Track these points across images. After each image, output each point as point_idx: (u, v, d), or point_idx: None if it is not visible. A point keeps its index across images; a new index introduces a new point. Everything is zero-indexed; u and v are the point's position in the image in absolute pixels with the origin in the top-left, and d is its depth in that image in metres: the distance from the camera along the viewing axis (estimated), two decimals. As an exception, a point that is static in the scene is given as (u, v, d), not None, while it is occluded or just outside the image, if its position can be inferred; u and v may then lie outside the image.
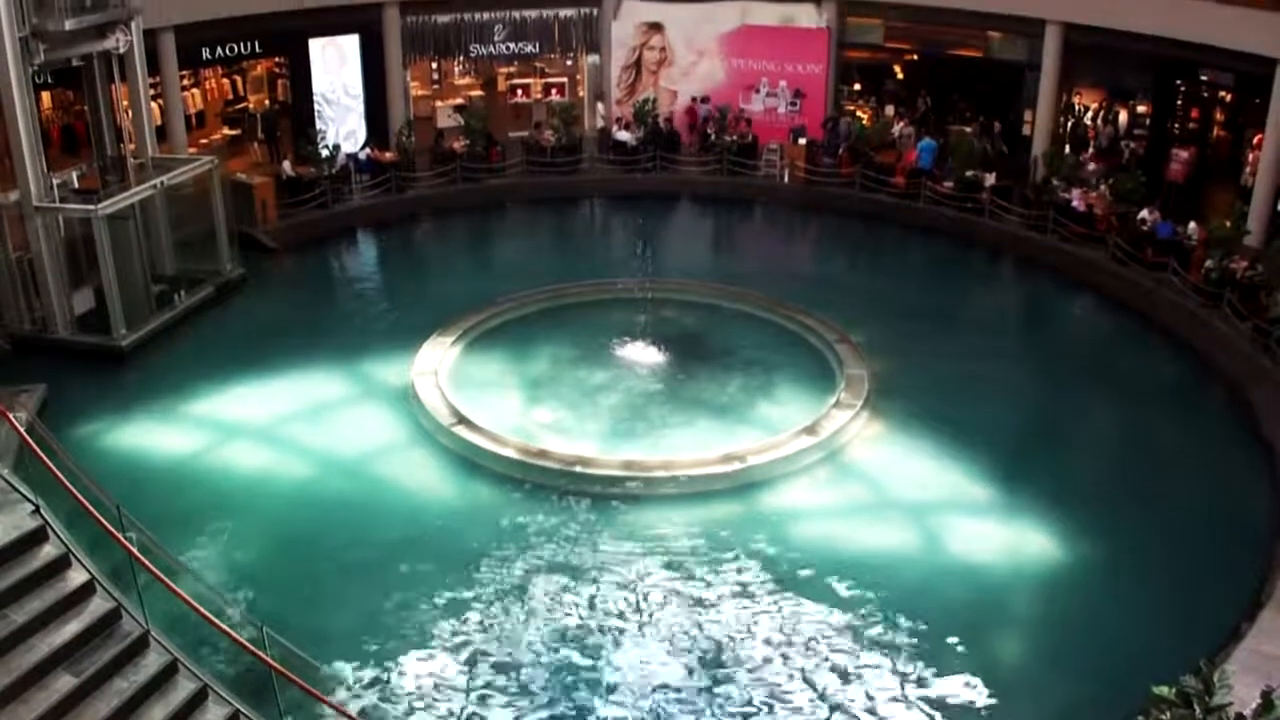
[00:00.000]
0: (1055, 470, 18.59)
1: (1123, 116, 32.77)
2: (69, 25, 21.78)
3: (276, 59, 35.55)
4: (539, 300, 24.63)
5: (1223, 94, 31.21)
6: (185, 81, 32.92)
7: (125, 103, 25.25)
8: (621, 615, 14.82)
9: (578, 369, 21.61)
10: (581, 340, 22.63)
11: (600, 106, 36.92)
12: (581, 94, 38.49)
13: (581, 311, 24.29)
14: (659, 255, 25.96)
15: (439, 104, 38.26)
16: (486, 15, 35.75)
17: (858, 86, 37.13)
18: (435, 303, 24.68)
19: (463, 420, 19.31)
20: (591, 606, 14.97)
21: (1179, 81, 31.24)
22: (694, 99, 35.48)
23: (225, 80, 36.74)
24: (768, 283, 25.78)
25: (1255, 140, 28.54)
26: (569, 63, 38.51)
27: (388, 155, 32.48)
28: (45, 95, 29.75)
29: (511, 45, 36.58)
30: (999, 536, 16.87)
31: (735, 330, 23.70)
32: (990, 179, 29.80)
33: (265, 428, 19.97)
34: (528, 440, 18.80)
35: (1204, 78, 30.27)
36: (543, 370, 21.71)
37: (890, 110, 35.60)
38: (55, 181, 22.68)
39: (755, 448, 18.55)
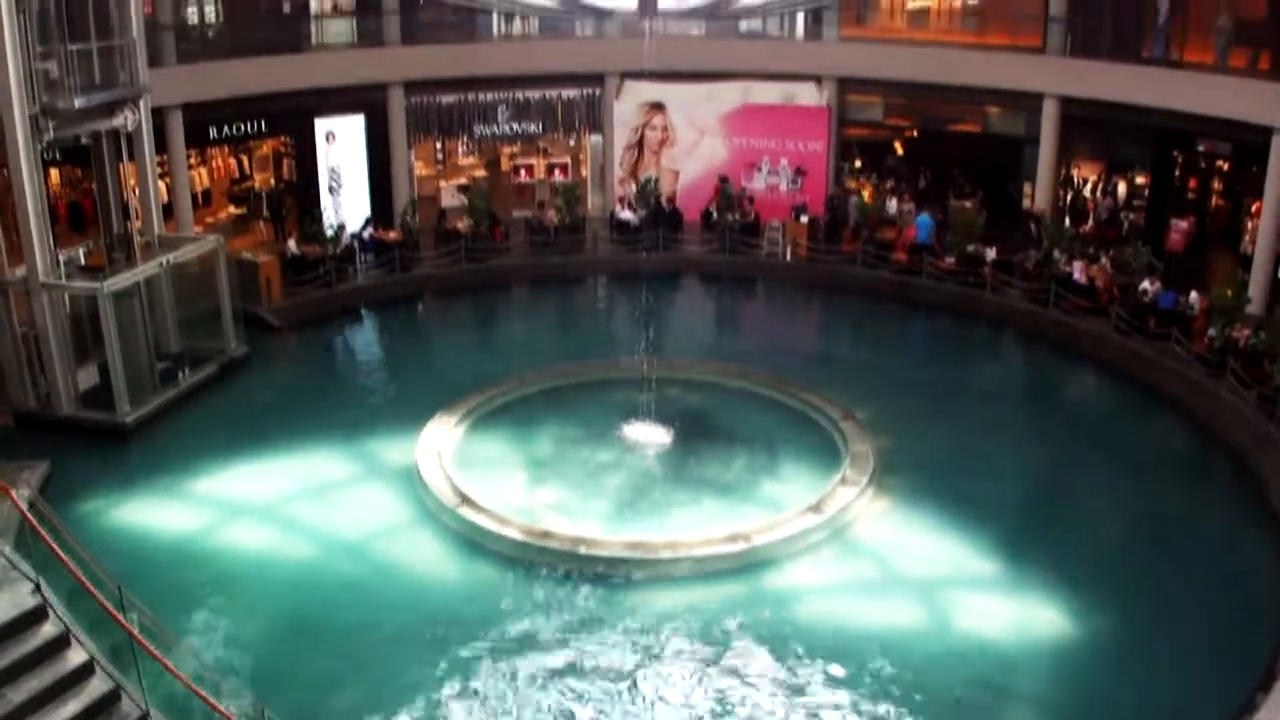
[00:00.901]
0: (1063, 544, 18.48)
1: (1121, 188, 32.98)
2: (78, 103, 21.94)
3: (282, 138, 35.78)
4: (543, 380, 24.56)
5: (1220, 163, 31.37)
6: (192, 160, 33.20)
7: (132, 180, 25.41)
8: (624, 697, 14.67)
9: (582, 449, 21.53)
10: (585, 420, 22.57)
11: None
12: (585, 174, 38.71)
13: (585, 391, 24.22)
14: (662, 334, 26.02)
15: (443, 183, 38.46)
16: (490, 96, 36.05)
17: (859, 163, 37.32)
18: (439, 382, 24.62)
19: (466, 501, 19.21)
20: (594, 689, 14.82)
21: (1176, 152, 31.44)
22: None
23: (231, 159, 37.03)
24: (771, 360, 25.77)
25: (1254, 208, 28.70)
26: (572, 143, 38.72)
27: (392, 235, 32.59)
28: (53, 172, 29.96)
29: (515, 125, 36.86)
30: (1007, 612, 16.74)
31: (739, 408, 23.63)
32: (991, 253, 29.89)
33: (268, 507, 19.87)
34: (532, 521, 18.69)
35: (1201, 148, 30.44)
36: (547, 450, 21.64)
37: (890, 186, 35.75)
38: (62, 258, 22.80)
39: (761, 526, 18.42)
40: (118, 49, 23.33)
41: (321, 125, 33.66)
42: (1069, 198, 33.66)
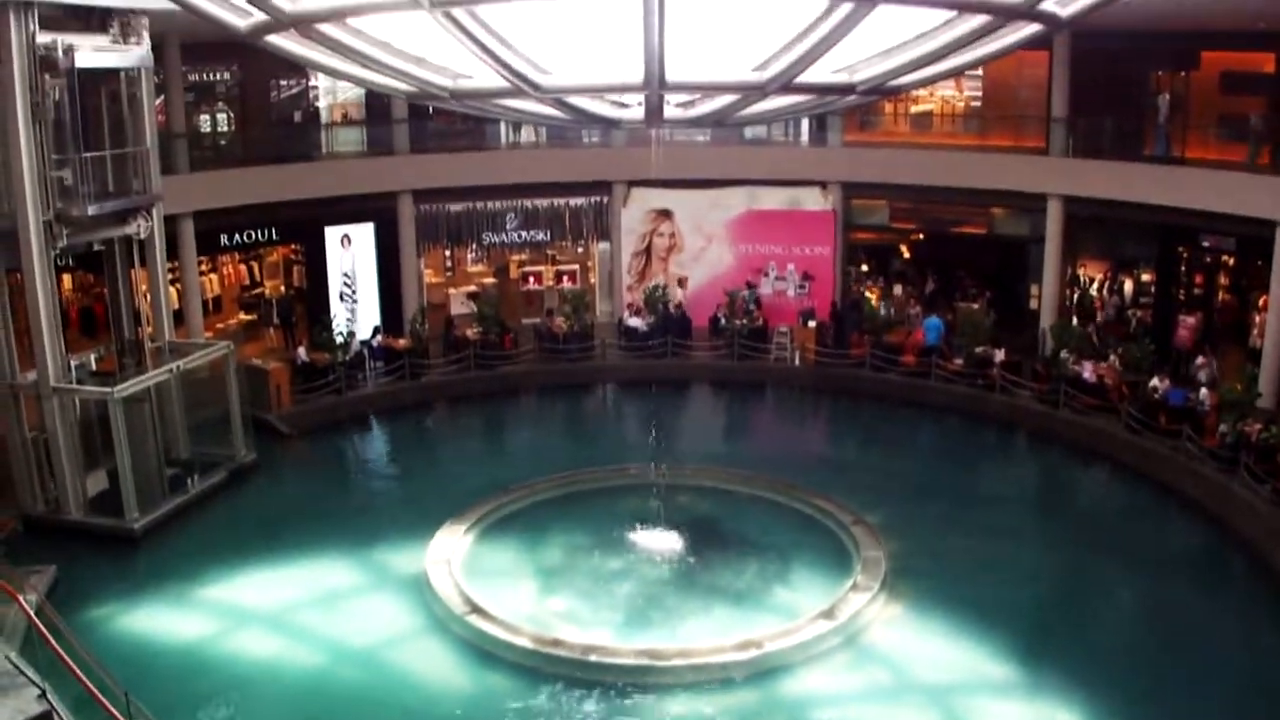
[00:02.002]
0: (1079, 648, 18.15)
1: (1128, 286, 33.08)
2: (92, 211, 22.12)
3: (293, 246, 35.99)
4: (553, 487, 24.40)
5: (1225, 258, 31.47)
6: (203, 267, 33.37)
7: (144, 286, 25.50)
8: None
9: (592, 556, 21.29)
10: (596, 527, 22.33)
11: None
12: (593, 281, 38.85)
13: (595, 498, 24.00)
14: (672, 441, 25.90)
15: (452, 291, 38.58)
16: (499, 204, 36.31)
17: (865, 267, 37.46)
18: (449, 490, 24.45)
19: (476, 609, 18.99)
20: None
21: (1181, 248, 31.64)
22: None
23: (242, 266, 37.24)
24: (781, 466, 25.60)
25: (1261, 302, 28.71)
26: (580, 250, 38.90)
27: (401, 342, 32.63)
28: (66, 277, 30.13)
29: (523, 233, 37.07)
30: (1023, 718, 16.47)
31: (750, 515, 23.44)
32: (999, 355, 29.86)
33: (277, 614, 19.64)
34: (542, 629, 18.46)
35: (1205, 243, 30.61)
36: (557, 558, 21.41)
37: (898, 291, 35.82)
38: (73, 363, 22.83)
39: (773, 633, 18.17)
40: (131, 157, 23.58)
41: (332, 233, 33.88)
42: (1076, 297, 33.73)
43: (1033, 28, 9.78)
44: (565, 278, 38.63)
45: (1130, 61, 31.55)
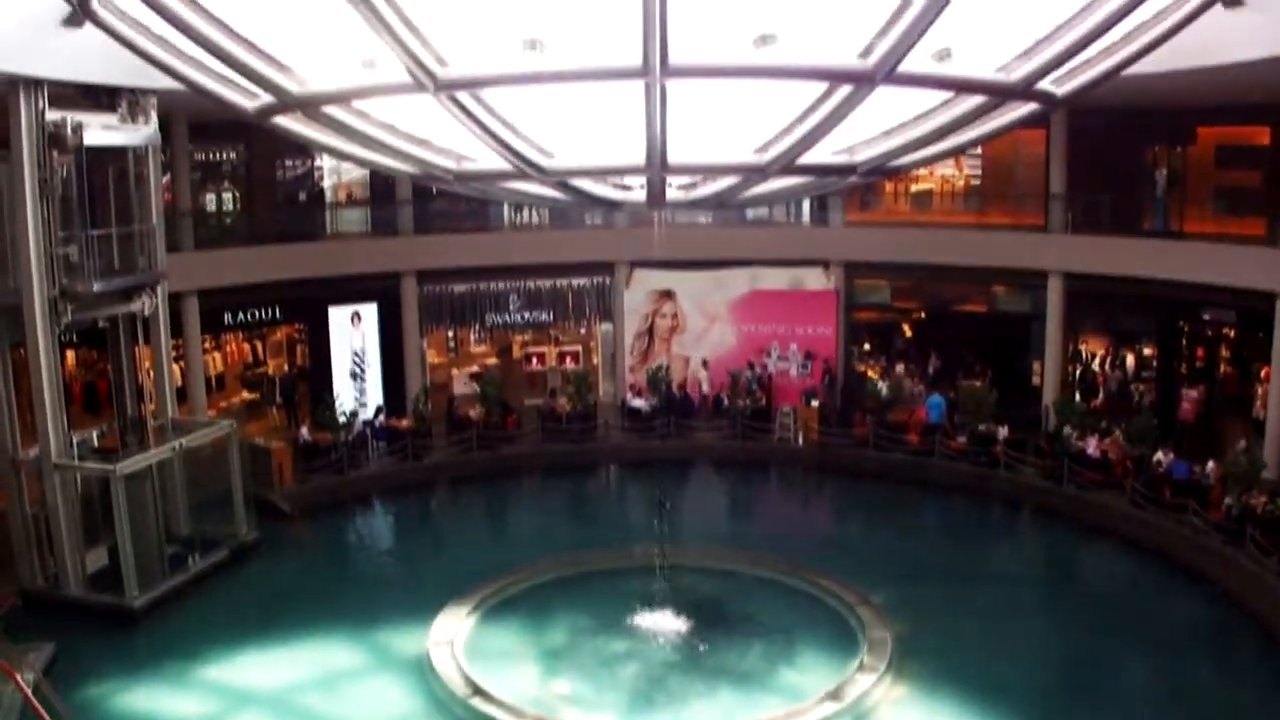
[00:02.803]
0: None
1: (1130, 360, 33.15)
2: (97, 287, 22.28)
3: (296, 325, 36.12)
4: (556, 569, 24.25)
5: (1226, 330, 31.63)
6: (207, 344, 33.47)
7: (147, 364, 25.58)
8: None
9: (596, 638, 21.13)
10: (599, 609, 22.19)
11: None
12: (596, 361, 38.91)
13: (599, 580, 23.84)
14: (675, 521, 25.83)
15: (455, 371, 38.64)
16: (502, 285, 36.46)
17: (868, 346, 37.54)
18: (451, 571, 24.36)
19: (479, 692, 18.84)
20: None
21: (1182, 322, 31.81)
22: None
23: (246, 344, 37.35)
24: (785, 546, 25.50)
25: (1263, 373, 28.78)
26: (583, 331, 39.00)
27: (404, 422, 32.64)
28: (69, 353, 30.23)
29: (526, 314, 37.20)
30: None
31: (755, 596, 23.27)
32: (1003, 432, 29.85)
33: (277, 697, 19.45)
34: (545, 712, 18.30)
35: (1206, 316, 30.76)
36: (560, 640, 21.25)
37: (900, 369, 35.88)
38: (75, 439, 22.84)
39: (779, 715, 18.02)
40: (137, 234, 23.76)
41: (335, 312, 34.03)
42: (1078, 372, 33.80)
43: (1029, 107, 9.88)
44: (568, 358, 38.71)
45: (1127, 137, 31.92)
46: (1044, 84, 8.96)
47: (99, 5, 9.75)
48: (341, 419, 30.93)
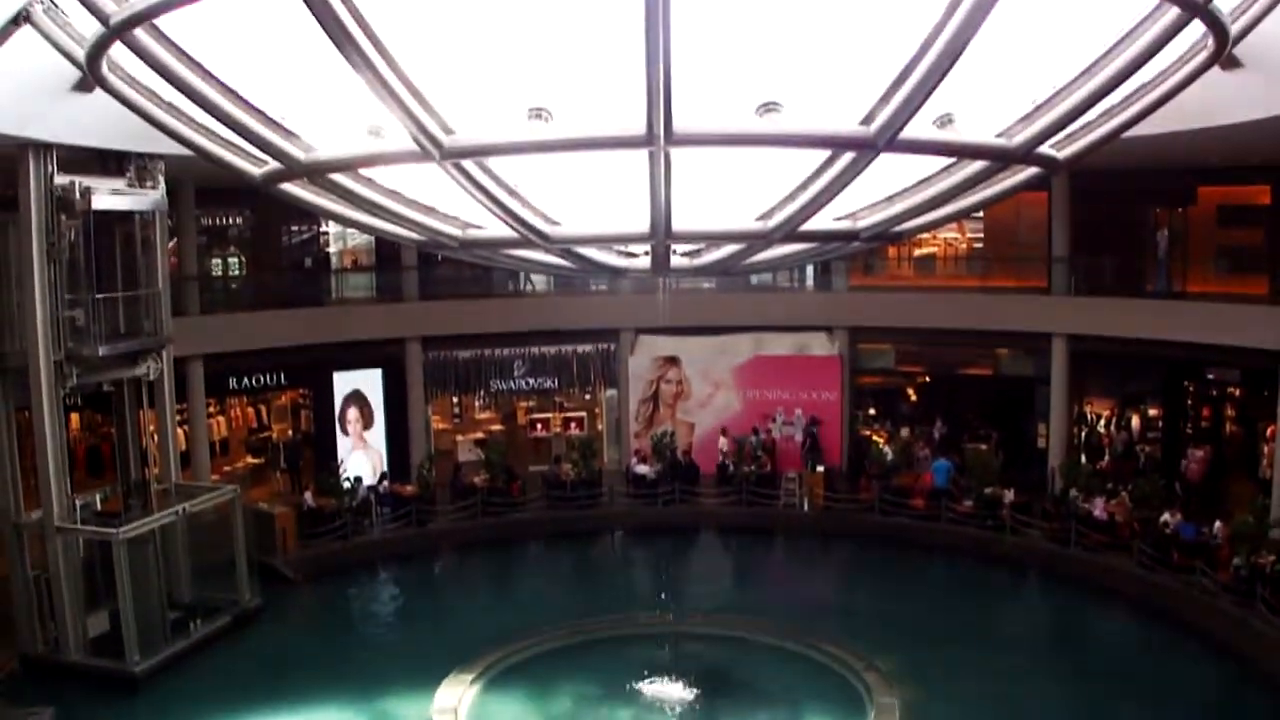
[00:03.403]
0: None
1: (1135, 421, 33.09)
2: (103, 351, 22.36)
3: (301, 390, 36.17)
4: (560, 636, 24.11)
5: (1231, 390, 31.62)
6: (211, 409, 33.48)
7: (152, 428, 25.59)
8: None
9: (601, 707, 21.02)
10: (604, 677, 22.04)
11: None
12: (600, 428, 38.87)
13: (603, 647, 23.71)
14: (681, 588, 25.73)
15: (459, 438, 38.61)
16: (506, 351, 36.54)
17: (873, 411, 37.51)
18: (455, 638, 24.22)
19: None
20: None
21: (1186, 382, 31.80)
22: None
23: (250, 409, 37.36)
24: (791, 612, 25.46)
25: (1269, 432, 28.79)
26: (587, 397, 38.99)
27: (408, 489, 32.58)
28: (73, 416, 30.27)
29: (531, 380, 37.24)
30: None
31: (761, 662, 23.16)
32: (1009, 495, 29.78)
33: (278, 764, 19.39)
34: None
35: (1210, 376, 30.75)
36: (565, 708, 21.12)
37: (906, 433, 35.85)
38: (78, 502, 22.82)
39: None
40: (143, 299, 23.86)
41: (340, 378, 34.10)
42: (1084, 434, 33.74)
43: (1031, 171, 9.94)
44: (573, 425, 38.66)
45: (1128, 198, 32.08)
46: (1045, 148, 9.01)
47: (108, 71, 9.84)
48: (346, 484, 30.89)
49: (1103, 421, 34.19)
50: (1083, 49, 8.48)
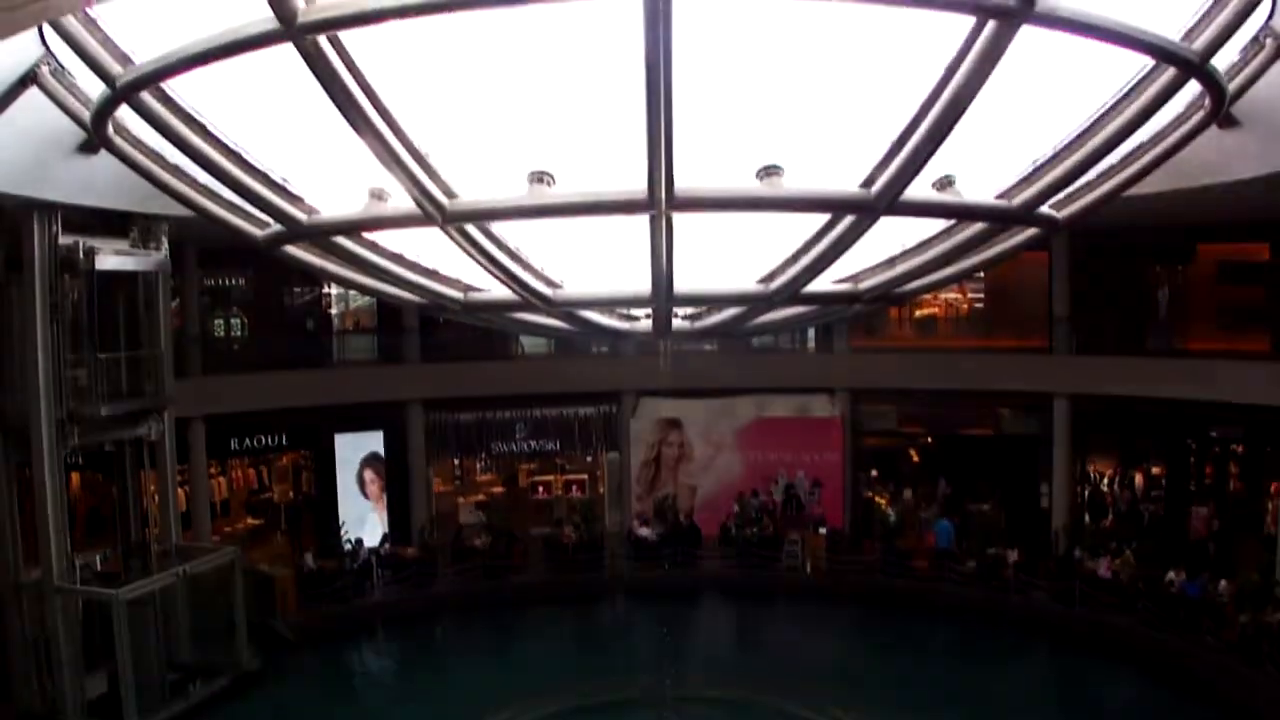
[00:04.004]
0: None
1: (1138, 479, 32.97)
2: (105, 411, 22.38)
3: (302, 452, 36.11)
4: (561, 701, 23.96)
5: (1234, 447, 31.50)
6: (212, 469, 33.41)
7: (152, 488, 25.55)
8: None
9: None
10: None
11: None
12: (602, 491, 38.75)
13: (604, 714, 23.62)
14: (682, 652, 25.58)
15: (461, 500, 38.49)
16: (508, 414, 36.50)
17: (875, 472, 37.40)
18: (455, 703, 24.14)
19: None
20: None
21: (1189, 440, 31.66)
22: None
23: (251, 470, 37.25)
24: (795, 676, 25.26)
25: (1273, 489, 28.77)
26: (589, 460, 38.90)
27: (409, 551, 32.46)
28: (74, 476, 30.24)
29: (532, 443, 37.18)
30: None
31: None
32: (1013, 555, 29.68)
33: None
34: None
35: (1213, 433, 30.73)
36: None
37: (908, 494, 35.72)
38: (78, 563, 22.74)
39: None
40: (146, 359, 23.91)
41: (341, 440, 34.08)
42: (1087, 493, 33.64)
43: (1031, 231, 9.99)
44: (575, 487, 38.56)
45: (1128, 256, 32.06)
46: (1045, 208, 9.06)
47: (114, 133, 9.92)
48: (347, 546, 30.80)
49: (1106, 480, 34.09)
50: (1081, 109, 8.55)
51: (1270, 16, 10.13)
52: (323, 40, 7.50)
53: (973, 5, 7.22)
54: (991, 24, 7.34)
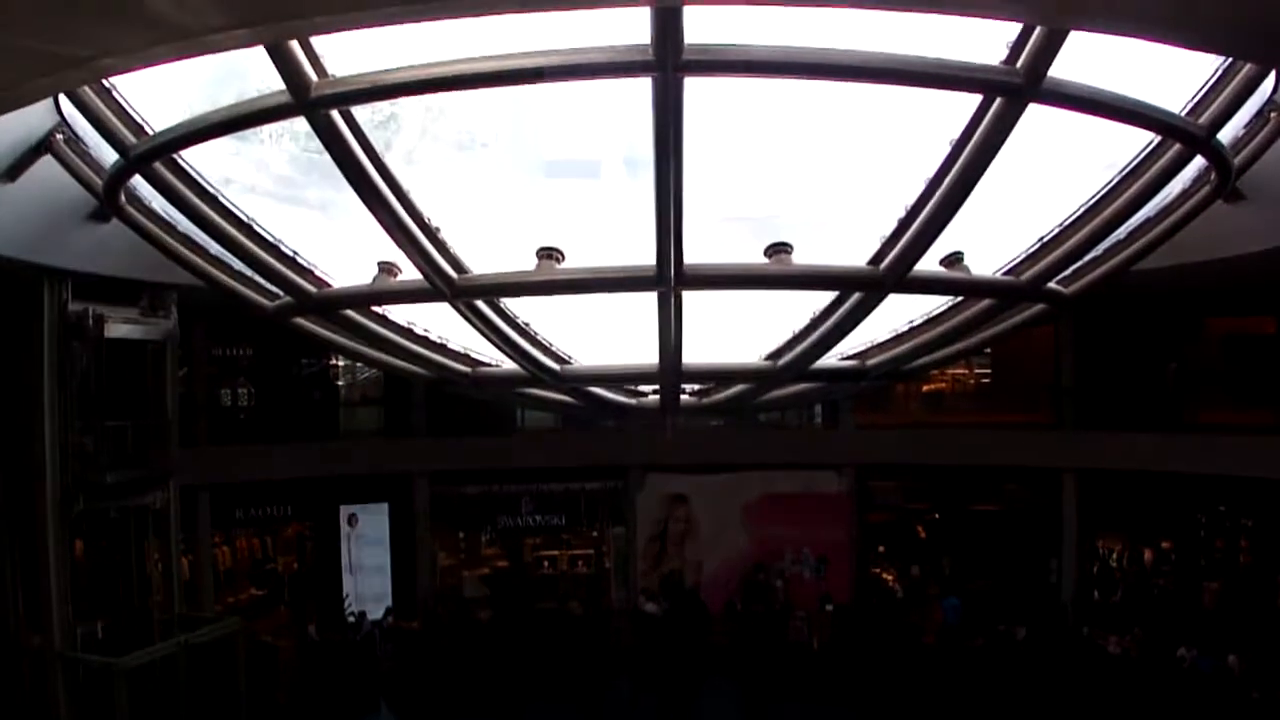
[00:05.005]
0: None
1: (1147, 555, 32.77)
2: (110, 479, 22.33)
3: (307, 523, 36.01)
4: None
5: (1244, 521, 31.32)
6: (217, 539, 33.33)
7: (156, 556, 25.47)
8: None
9: None
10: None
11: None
12: (608, 566, 38.53)
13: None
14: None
15: (466, 573, 38.28)
16: (513, 488, 36.39)
17: (882, 548, 37.20)
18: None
19: None
20: None
21: (1199, 514, 31.50)
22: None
23: (256, 540, 37.11)
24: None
25: (1282, 563, 28.45)
26: (595, 535, 38.71)
27: (413, 624, 32.27)
28: (78, 543, 30.18)
29: (538, 517, 37.04)
30: None
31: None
32: (1021, 632, 29.40)
33: None
34: None
35: (1222, 508, 30.59)
36: None
37: (915, 570, 35.50)
38: (79, 631, 22.61)
39: None
40: (152, 428, 23.91)
41: (347, 511, 34.01)
42: (1095, 568, 33.42)
43: (1038, 307, 9.99)
44: (580, 563, 38.32)
45: (1135, 330, 32.03)
46: (1052, 284, 9.07)
47: (126, 202, 9.98)
48: (350, 619, 30.63)
49: (1114, 555, 33.89)
50: (1087, 186, 8.58)
51: (1275, 90, 10.18)
52: (335, 114, 7.57)
53: (980, 84, 7.27)
54: (999, 102, 7.38)
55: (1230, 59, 8.88)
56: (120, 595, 25.01)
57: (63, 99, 11.35)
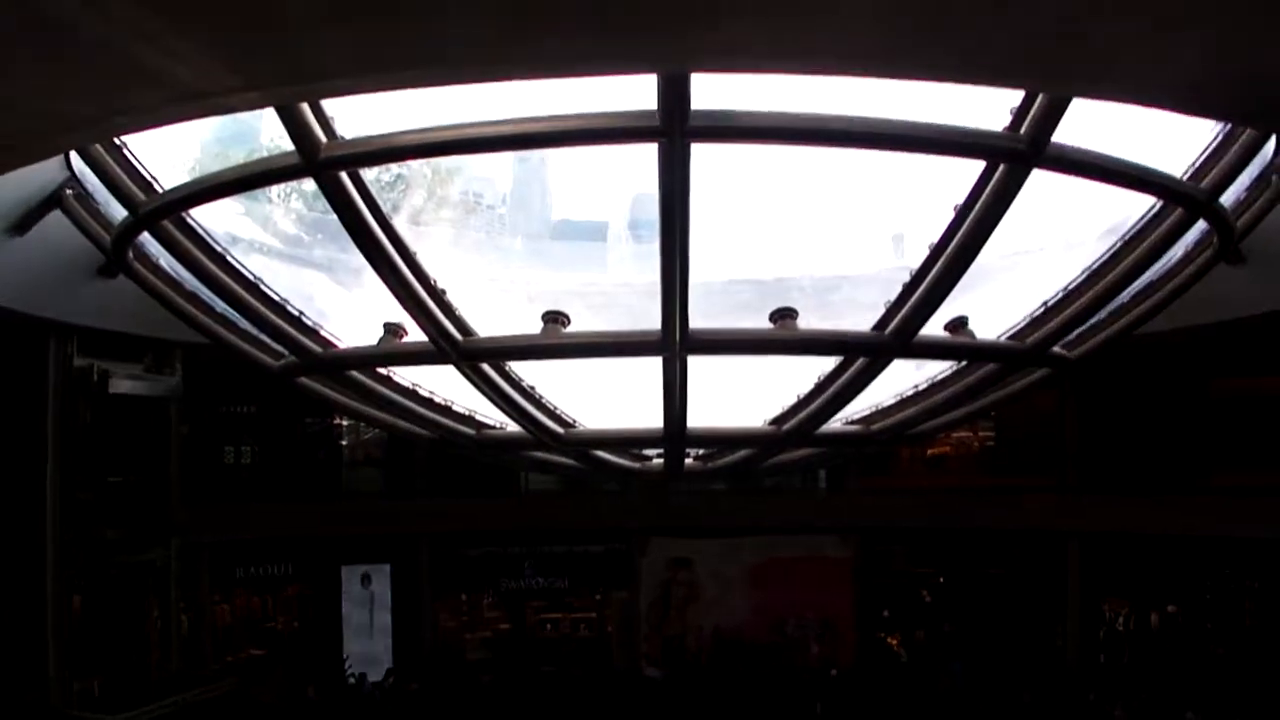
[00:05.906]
0: None
1: (1153, 618, 32.51)
2: (112, 535, 22.29)
3: (308, 583, 35.84)
4: None
5: (1250, 583, 30.98)
6: (216, 597, 33.18)
7: (155, 613, 25.34)
8: None
9: None
10: None
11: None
12: (610, 629, 38.29)
13: None
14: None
15: (468, 636, 38.05)
16: (516, 549, 36.21)
17: (886, 613, 36.97)
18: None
19: None
20: None
21: (1205, 577, 31.22)
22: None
23: (256, 599, 36.92)
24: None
25: (1289, 625, 28.24)
26: (597, 598, 38.49)
27: (414, 686, 32.04)
28: (76, 600, 30.07)
29: (540, 580, 36.85)
30: None
31: None
32: (1026, 697, 29.14)
33: None
34: None
35: (1228, 571, 30.33)
36: None
37: (920, 634, 35.26)
38: (76, 687, 22.47)
39: None
40: (155, 484, 23.87)
41: (348, 572, 33.84)
42: (1101, 632, 33.19)
43: (1042, 371, 9.99)
44: (582, 626, 38.09)
45: (1139, 392, 31.96)
46: (1056, 348, 9.07)
47: (133, 259, 10.01)
48: (350, 680, 30.43)
49: (1120, 619, 33.67)
50: (1091, 250, 8.60)
51: (1276, 154, 10.21)
52: (343, 175, 7.60)
53: (985, 150, 7.30)
54: (1003, 168, 7.41)
55: (1230, 124, 8.93)
56: (118, 652, 24.89)
57: (73, 154, 11.40)
